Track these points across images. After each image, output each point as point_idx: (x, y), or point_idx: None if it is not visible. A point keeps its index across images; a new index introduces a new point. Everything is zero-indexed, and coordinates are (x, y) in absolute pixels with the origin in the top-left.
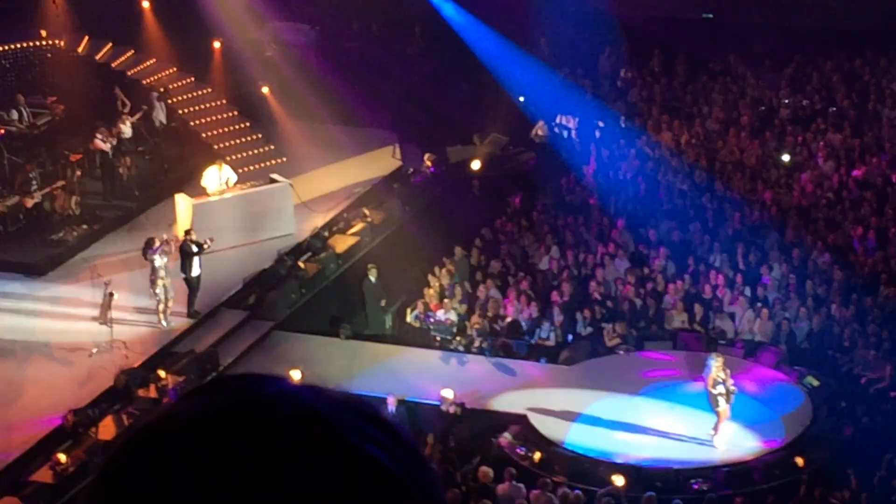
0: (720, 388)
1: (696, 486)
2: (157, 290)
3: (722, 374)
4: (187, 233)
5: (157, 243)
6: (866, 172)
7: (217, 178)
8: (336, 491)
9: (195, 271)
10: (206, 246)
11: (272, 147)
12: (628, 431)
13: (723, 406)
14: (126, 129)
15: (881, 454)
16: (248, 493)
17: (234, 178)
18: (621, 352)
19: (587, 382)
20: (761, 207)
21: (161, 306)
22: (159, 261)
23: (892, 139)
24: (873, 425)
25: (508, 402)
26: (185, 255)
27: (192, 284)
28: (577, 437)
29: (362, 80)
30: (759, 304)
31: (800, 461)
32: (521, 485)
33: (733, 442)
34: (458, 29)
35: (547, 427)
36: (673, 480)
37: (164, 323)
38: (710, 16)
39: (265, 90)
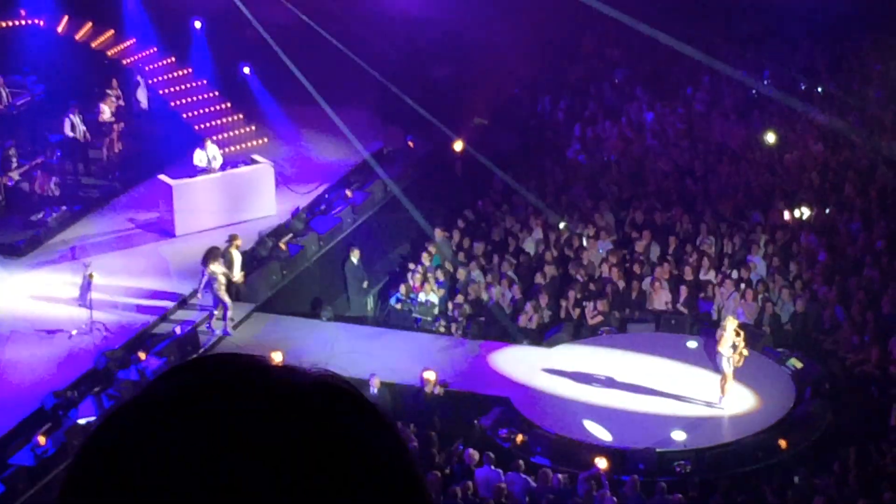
0: (731, 352)
1: (679, 469)
2: (223, 297)
3: (736, 338)
4: (232, 239)
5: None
6: (851, 154)
7: (204, 157)
8: (314, 466)
9: (238, 277)
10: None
11: (254, 128)
12: (611, 413)
13: (730, 369)
14: (107, 110)
15: (865, 437)
16: (226, 471)
17: (220, 158)
18: (604, 333)
19: (570, 364)
20: (746, 189)
21: (229, 313)
22: (219, 268)
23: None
24: (857, 407)
25: (491, 384)
26: (230, 263)
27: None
28: (560, 419)
29: (345, 59)
30: (744, 286)
31: (783, 443)
32: (500, 469)
33: (739, 403)
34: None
35: (530, 409)
36: (656, 462)
37: (230, 331)
38: None
39: (246, 70)
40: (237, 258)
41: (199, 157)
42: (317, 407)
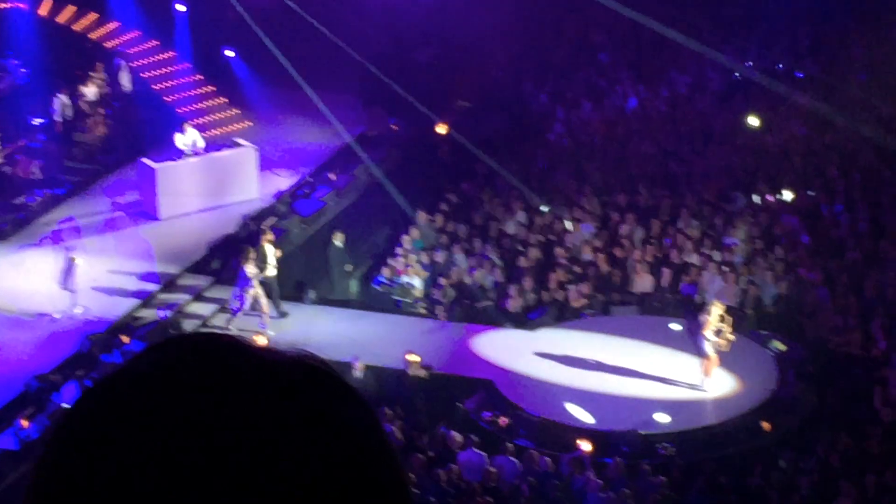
0: (716, 336)
1: (662, 451)
2: (249, 298)
3: (721, 323)
4: (264, 233)
5: (252, 255)
6: (835, 137)
7: (184, 141)
8: (289, 443)
9: (272, 272)
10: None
11: (237, 111)
12: (595, 396)
13: (714, 353)
14: (90, 93)
15: (849, 419)
16: (201, 447)
17: (201, 141)
18: (588, 315)
19: (554, 347)
20: (729, 172)
21: (267, 311)
22: (251, 269)
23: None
24: (840, 389)
25: (474, 367)
26: (263, 258)
27: (272, 284)
28: (544, 402)
29: (328, 42)
30: (727, 269)
31: (766, 426)
32: (483, 453)
33: (722, 386)
34: None
35: (513, 392)
36: (640, 445)
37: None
38: None
39: (230, 54)
40: (270, 252)
41: (179, 142)
42: (293, 385)
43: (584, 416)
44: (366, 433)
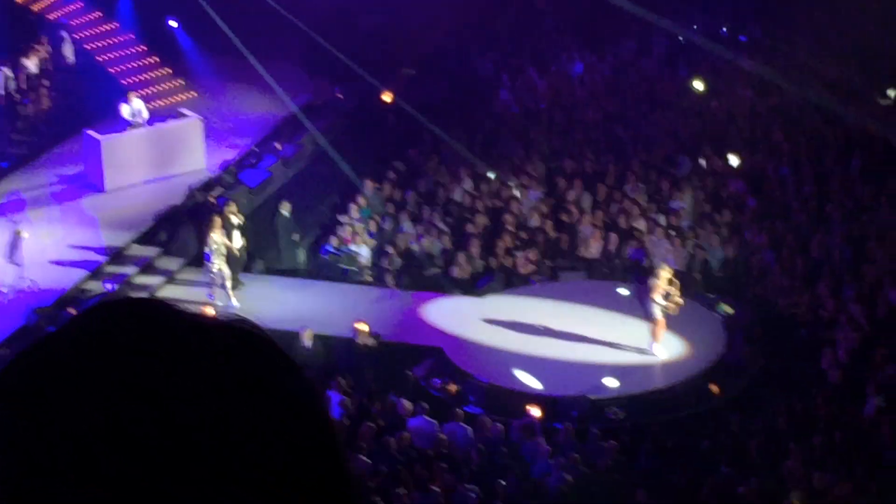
0: (664, 300)
1: (612, 416)
2: (216, 269)
3: (670, 287)
4: (227, 204)
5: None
6: (779, 101)
7: (129, 111)
8: (220, 406)
9: (238, 242)
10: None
11: (182, 82)
12: (544, 361)
13: (663, 317)
14: (33, 65)
15: (796, 381)
16: (131, 410)
17: (146, 112)
18: (536, 282)
19: (502, 313)
20: (675, 136)
21: (229, 283)
22: (219, 237)
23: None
24: (788, 351)
25: (423, 335)
26: (229, 228)
27: (236, 255)
28: (493, 368)
29: (272, 11)
30: (674, 233)
31: (715, 388)
32: (434, 420)
33: (671, 350)
34: None
35: (462, 358)
36: (589, 409)
37: (232, 301)
38: None
39: (173, 24)
40: (234, 222)
41: (125, 112)
42: (227, 350)
43: (534, 382)
44: (299, 397)
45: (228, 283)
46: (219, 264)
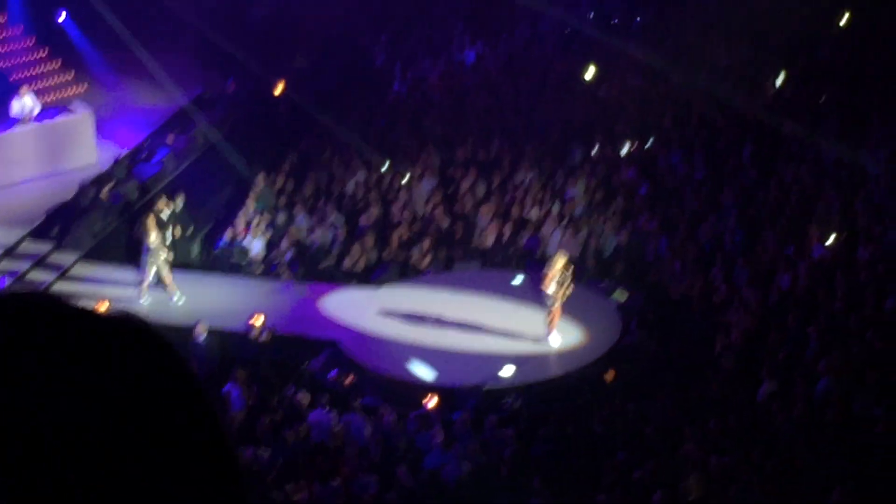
0: (559, 289)
1: (508, 404)
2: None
3: (564, 273)
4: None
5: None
6: (669, 87)
7: (21, 106)
8: (104, 400)
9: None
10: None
11: (73, 75)
12: (440, 352)
13: (558, 305)
14: None
15: (690, 365)
16: (17, 402)
17: (38, 107)
18: (430, 272)
19: (397, 304)
20: (566, 124)
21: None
22: (154, 239)
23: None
24: (682, 336)
25: (320, 327)
26: (162, 225)
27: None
28: (389, 360)
29: (160, 2)
30: (567, 221)
31: (611, 374)
32: (334, 411)
33: (566, 338)
34: None
35: (359, 351)
36: (486, 399)
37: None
38: None
39: (62, 16)
40: (167, 216)
41: (16, 107)
42: (109, 342)
43: (430, 373)
44: (184, 390)
45: (167, 280)
46: (157, 265)
